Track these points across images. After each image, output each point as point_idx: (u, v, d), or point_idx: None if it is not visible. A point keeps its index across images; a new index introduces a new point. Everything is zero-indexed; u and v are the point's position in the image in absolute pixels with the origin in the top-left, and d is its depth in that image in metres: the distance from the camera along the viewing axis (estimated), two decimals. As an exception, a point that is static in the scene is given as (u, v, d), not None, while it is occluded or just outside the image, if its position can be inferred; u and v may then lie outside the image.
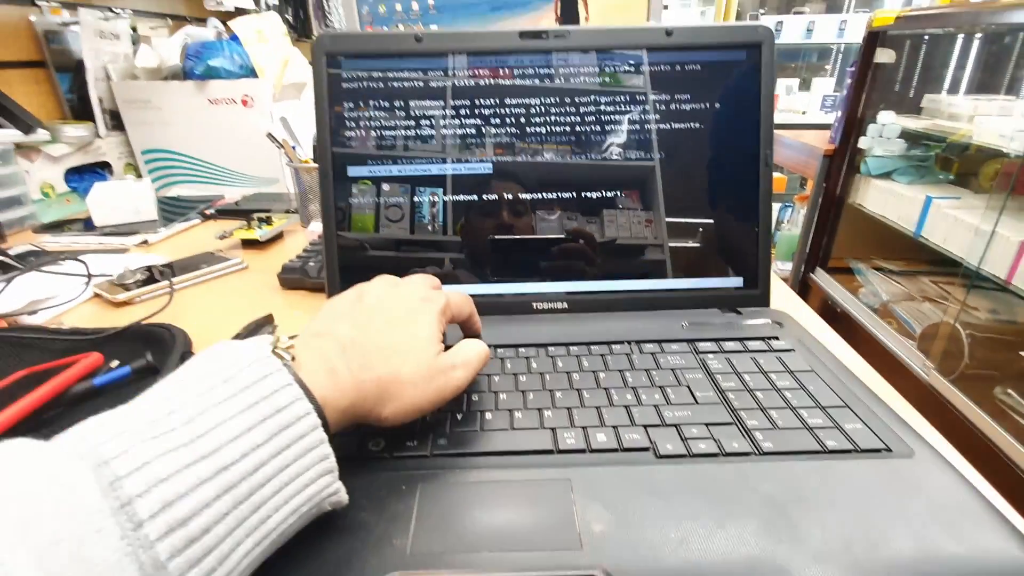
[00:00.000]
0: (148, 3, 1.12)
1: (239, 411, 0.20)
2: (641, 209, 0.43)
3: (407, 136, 0.43)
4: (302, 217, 0.76)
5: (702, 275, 0.44)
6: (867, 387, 0.34)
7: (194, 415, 0.19)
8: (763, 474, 0.27)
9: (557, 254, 0.44)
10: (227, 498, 0.18)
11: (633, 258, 0.44)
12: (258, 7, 1.21)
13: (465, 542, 0.23)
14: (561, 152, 0.43)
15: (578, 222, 0.43)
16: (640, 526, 0.24)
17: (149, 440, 0.18)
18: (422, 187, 0.43)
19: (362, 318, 0.28)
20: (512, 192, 0.43)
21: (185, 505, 0.17)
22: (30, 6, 0.89)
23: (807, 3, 2.56)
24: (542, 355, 0.37)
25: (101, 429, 0.18)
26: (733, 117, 0.43)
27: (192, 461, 0.18)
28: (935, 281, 1.34)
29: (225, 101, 0.89)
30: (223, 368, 0.21)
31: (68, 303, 0.52)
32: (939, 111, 1.32)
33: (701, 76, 0.42)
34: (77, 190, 0.90)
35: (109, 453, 0.17)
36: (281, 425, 0.21)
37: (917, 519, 0.24)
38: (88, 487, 0.16)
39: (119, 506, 0.16)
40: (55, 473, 0.17)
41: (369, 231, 0.44)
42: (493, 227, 0.44)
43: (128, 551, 0.16)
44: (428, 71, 0.42)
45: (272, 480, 0.20)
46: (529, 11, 0.62)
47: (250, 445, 0.20)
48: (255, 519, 0.19)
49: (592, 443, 0.29)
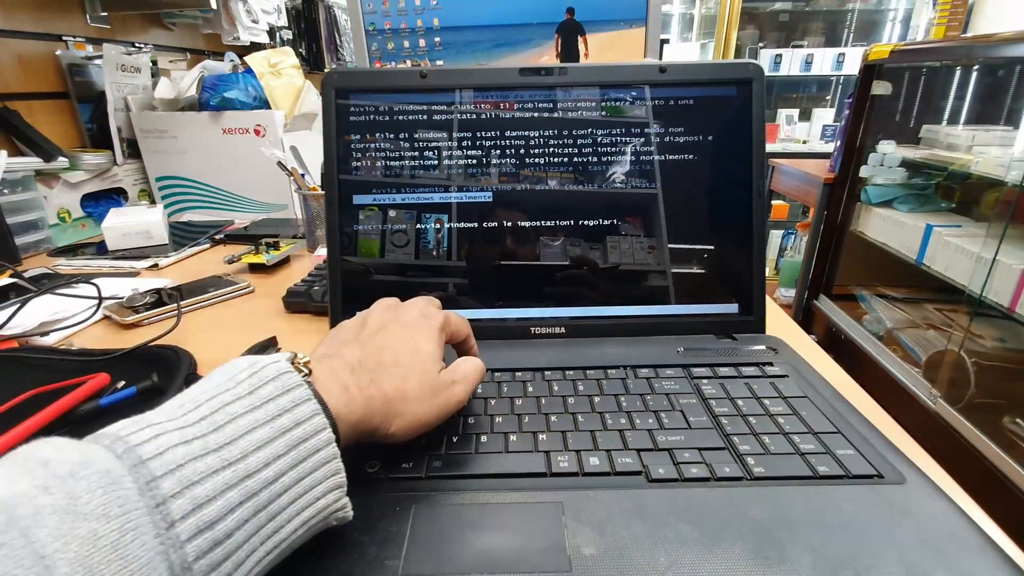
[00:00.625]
0: (169, 38, 1.17)
1: (263, 422, 0.21)
2: (643, 236, 0.44)
3: (412, 166, 0.44)
4: (308, 242, 0.78)
5: (699, 301, 0.45)
6: (860, 413, 0.34)
7: (222, 422, 0.20)
8: (754, 499, 0.27)
9: (558, 281, 0.45)
10: (249, 505, 0.19)
11: (632, 285, 0.45)
12: (273, 42, 1.26)
13: (456, 564, 0.24)
14: (562, 181, 0.44)
15: (581, 248, 0.44)
16: (630, 550, 0.24)
17: (182, 444, 0.19)
18: (427, 214, 0.45)
19: (367, 340, 0.29)
20: (514, 220, 0.45)
21: (213, 508, 0.18)
22: (57, 41, 0.93)
23: (806, 36, 2.63)
24: (538, 379, 0.38)
25: (137, 430, 0.19)
26: (727, 149, 0.44)
27: (220, 467, 0.19)
28: (939, 308, 1.33)
29: (238, 131, 0.92)
30: (248, 379, 0.22)
31: (78, 325, 0.54)
32: (938, 141, 1.34)
33: (695, 110, 0.44)
34: (92, 215, 0.92)
35: (146, 453, 0.18)
36: (300, 438, 0.21)
37: (907, 546, 0.24)
38: (127, 486, 0.17)
39: (154, 505, 0.17)
40: (91, 468, 0.17)
41: (375, 256, 0.45)
42: (496, 253, 0.45)
43: (160, 550, 0.17)
44: (433, 104, 0.44)
45: (288, 491, 0.21)
46: (530, 48, 0.65)
47: (272, 455, 0.20)
48: (270, 528, 0.20)
49: (585, 467, 0.29)
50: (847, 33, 2.64)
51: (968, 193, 1.31)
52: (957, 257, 1.13)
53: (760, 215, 0.44)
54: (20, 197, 0.80)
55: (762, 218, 0.44)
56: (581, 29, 0.64)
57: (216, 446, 0.19)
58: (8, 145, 0.84)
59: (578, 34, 0.64)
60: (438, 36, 0.67)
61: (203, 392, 0.22)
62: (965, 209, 1.31)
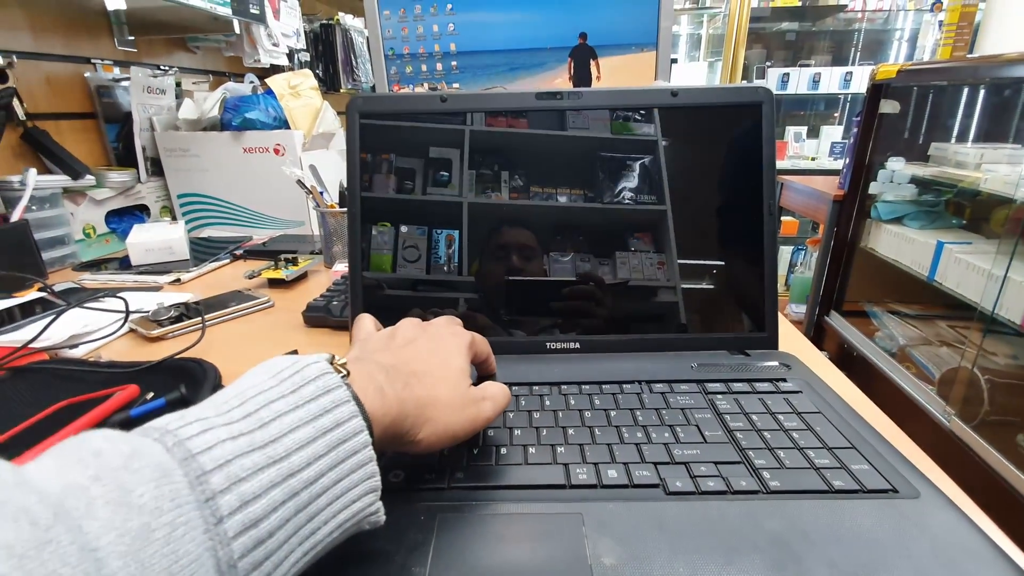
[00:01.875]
0: (192, 61, 1.21)
1: (305, 421, 0.21)
2: (654, 253, 0.45)
3: (428, 184, 0.46)
4: (326, 258, 0.80)
5: (712, 318, 0.45)
6: (874, 429, 0.34)
7: (267, 419, 0.20)
8: (770, 512, 0.27)
9: (575, 294, 0.45)
10: (291, 504, 0.19)
11: (646, 304, 0.46)
12: (292, 64, 1.30)
13: (481, 572, 0.25)
14: (572, 197, 0.46)
15: (591, 265, 0.46)
16: (650, 561, 0.25)
17: (229, 440, 0.19)
18: (439, 229, 0.46)
19: (398, 350, 0.30)
20: (533, 239, 0.46)
21: (259, 506, 0.18)
22: (86, 64, 0.97)
23: (813, 56, 2.66)
24: (555, 393, 0.39)
25: (185, 424, 0.19)
26: (738, 170, 0.45)
27: (265, 464, 0.19)
28: (951, 325, 1.33)
29: (259, 150, 0.95)
30: (291, 378, 0.22)
31: (106, 338, 0.55)
32: (946, 159, 1.35)
33: (706, 132, 0.45)
34: (116, 231, 0.95)
35: (195, 447, 0.18)
36: (339, 439, 0.22)
37: (922, 560, 0.24)
38: (178, 479, 0.17)
39: (204, 500, 0.17)
40: (145, 464, 0.17)
41: (387, 271, 0.46)
42: (512, 271, 0.46)
43: (209, 546, 0.17)
44: (450, 125, 0.46)
45: (327, 492, 0.21)
46: (544, 71, 0.67)
47: (313, 455, 0.21)
48: (307, 529, 0.20)
49: (603, 479, 0.30)
50: (854, 52, 2.66)
51: (978, 210, 1.31)
52: (968, 274, 1.13)
53: (771, 234, 0.45)
54: (48, 213, 0.82)
55: (773, 237, 0.45)
56: (593, 53, 0.66)
57: (262, 443, 0.19)
58: (37, 163, 0.87)
59: (590, 58, 0.67)
60: (455, 60, 0.69)
61: (247, 388, 0.22)
62: (975, 226, 1.31)
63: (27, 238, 0.74)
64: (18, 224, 0.74)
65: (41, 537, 0.14)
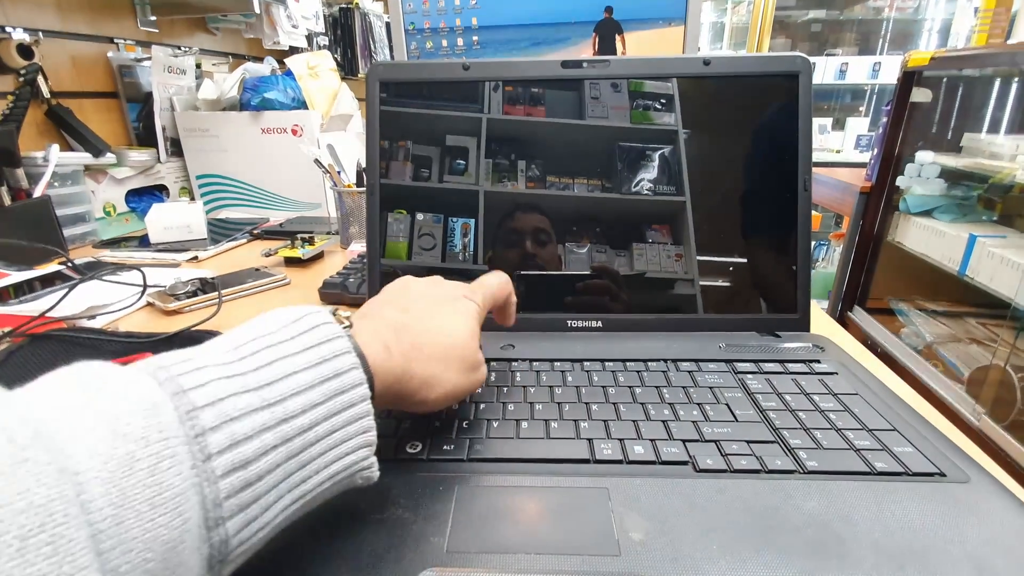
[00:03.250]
0: (212, 42, 1.21)
1: (303, 367, 0.20)
2: (678, 238, 0.44)
3: (445, 172, 0.45)
4: (342, 239, 0.79)
5: (741, 299, 0.44)
6: (916, 412, 0.33)
7: (264, 363, 0.20)
8: (808, 492, 0.26)
9: (590, 288, 0.44)
10: (282, 449, 0.19)
11: (671, 282, 0.44)
12: (310, 46, 1.29)
13: (502, 543, 0.23)
14: (595, 186, 0.44)
15: (607, 255, 0.44)
16: (680, 538, 0.23)
17: (223, 379, 0.18)
18: (455, 217, 0.45)
19: (410, 306, 0.29)
20: (558, 224, 0.44)
21: (249, 447, 0.18)
22: (108, 43, 0.97)
23: (839, 46, 2.58)
24: (577, 370, 0.37)
25: (180, 361, 0.18)
26: (772, 144, 0.43)
27: (259, 406, 0.18)
28: (982, 323, 1.28)
29: (277, 130, 0.94)
30: (292, 325, 0.22)
31: (124, 310, 0.55)
32: (980, 150, 1.30)
33: (741, 104, 0.43)
34: (136, 210, 0.95)
35: (188, 383, 0.17)
36: (337, 389, 0.21)
37: (975, 544, 0.23)
38: (167, 413, 0.16)
39: (194, 436, 0.16)
40: (133, 392, 0.16)
41: (403, 259, 0.45)
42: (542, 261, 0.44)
43: (195, 482, 0.16)
44: (471, 103, 0.44)
45: (321, 441, 0.20)
46: (568, 46, 0.65)
47: (308, 403, 0.20)
48: (298, 476, 0.20)
49: (629, 455, 0.29)
50: (881, 43, 2.58)
51: (1012, 204, 1.26)
52: (1002, 269, 1.09)
53: (806, 210, 0.43)
54: (69, 190, 0.83)
55: (807, 213, 0.43)
56: (619, 27, 0.64)
57: (256, 385, 0.19)
58: (60, 140, 0.88)
59: (616, 32, 0.64)
60: (476, 35, 0.67)
61: (246, 333, 0.21)
62: (1008, 221, 1.26)
63: (49, 214, 0.75)
64: (41, 199, 0.75)
65: (17, 455, 0.13)
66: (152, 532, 0.15)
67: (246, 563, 0.20)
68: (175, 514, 0.15)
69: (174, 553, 0.15)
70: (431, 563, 0.22)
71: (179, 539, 0.15)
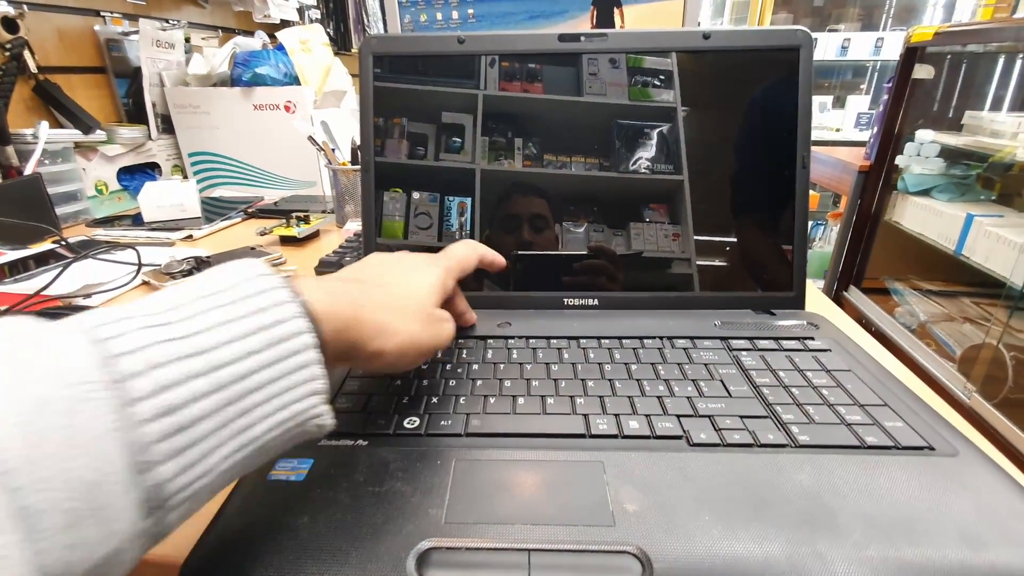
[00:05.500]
0: (201, 16, 1.18)
1: (237, 317, 0.20)
2: (676, 217, 0.44)
3: (441, 150, 0.44)
4: (338, 218, 0.78)
5: (736, 277, 0.44)
6: (907, 388, 0.33)
7: (194, 314, 0.19)
8: (799, 465, 0.26)
9: (586, 268, 0.44)
10: (217, 396, 0.19)
11: (667, 261, 0.44)
12: (302, 20, 1.26)
13: (498, 515, 0.24)
14: (593, 164, 0.44)
15: (604, 235, 0.44)
16: (674, 509, 0.24)
17: (147, 328, 0.18)
18: (451, 196, 0.44)
19: (362, 267, 0.29)
20: (555, 201, 0.44)
21: (178, 394, 0.17)
22: (95, 16, 0.95)
23: (842, 21, 2.54)
24: (573, 347, 0.37)
25: (102, 314, 0.18)
26: (771, 120, 0.43)
27: (188, 353, 0.18)
28: (976, 302, 1.29)
29: (269, 107, 0.93)
30: (226, 279, 0.21)
31: (119, 289, 0.55)
32: (981, 128, 1.29)
33: (740, 77, 0.43)
34: (128, 189, 0.94)
35: (108, 333, 0.17)
36: (277, 338, 0.21)
37: (963, 516, 0.23)
38: (84, 358, 0.16)
39: (112, 381, 0.16)
40: (50, 341, 0.16)
41: (399, 237, 0.45)
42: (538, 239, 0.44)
43: (117, 426, 0.16)
44: (467, 79, 0.43)
45: (262, 389, 0.20)
46: (565, 19, 0.64)
47: (244, 350, 0.20)
48: (240, 423, 0.19)
49: (624, 430, 0.29)
50: (885, 19, 2.54)
51: (1011, 183, 1.26)
52: (998, 248, 1.09)
53: (803, 187, 0.43)
54: (60, 168, 0.82)
55: (805, 191, 0.43)
56: (618, 1, 0.63)
57: (185, 334, 0.19)
58: (49, 117, 0.86)
59: (614, 6, 0.63)
60: (471, 8, 0.66)
61: (178, 289, 0.21)
62: (1007, 200, 1.26)
63: (40, 191, 0.74)
64: (32, 177, 0.74)
65: None
66: (70, 473, 0.15)
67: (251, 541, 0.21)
68: (95, 456, 0.15)
69: (98, 493, 0.15)
70: (430, 534, 0.23)
71: (100, 480, 0.15)
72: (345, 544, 0.22)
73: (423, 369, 0.35)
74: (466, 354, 0.37)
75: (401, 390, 0.33)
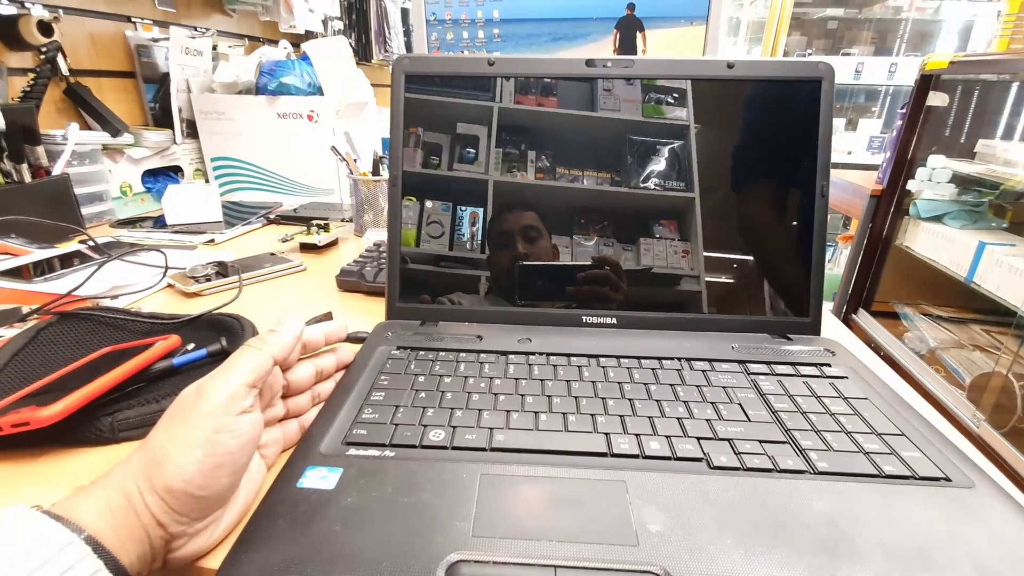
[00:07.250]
0: (228, 24, 1.21)
1: None
2: (686, 234, 0.44)
3: (455, 160, 0.45)
4: (356, 227, 0.80)
5: (752, 302, 0.44)
6: (923, 417, 0.33)
7: None
8: (818, 492, 0.27)
9: (591, 278, 0.45)
10: None
11: (678, 285, 0.45)
12: (325, 31, 1.29)
13: (524, 530, 0.24)
14: (604, 179, 0.45)
15: (613, 250, 0.45)
16: (696, 531, 0.24)
17: None
18: (463, 206, 0.45)
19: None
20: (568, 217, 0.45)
21: None
22: (126, 22, 0.98)
23: (854, 45, 2.56)
24: (593, 365, 0.38)
25: None
26: (791, 149, 0.44)
27: None
28: (987, 330, 1.29)
29: (292, 116, 0.95)
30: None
31: (146, 291, 0.56)
32: (994, 156, 1.30)
33: (762, 107, 0.44)
34: (151, 191, 0.96)
35: None
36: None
37: (979, 547, 0.24)
38: None
39: None
40: None
41: (411, 245, 0.46)
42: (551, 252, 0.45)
43: None
44: (483, 92, 0.44)
45: None
46: (588, 42, 0.65)
47: None
48: None
49: (645, 450, 0.30)
50: (898, 44, 2.56)
51: (1022, 212, 1.26)
52: (1010, 277, 1.09)
53: (822, 216, 0.43)
54: (87, 169, 0.84)
55: (823, 220, 0.44)
56: (640, 25, 0.64)
57: None
58: (78, 118, 0.89)
59: (637, 30, 0.65)
60: (497, 28, 0.68)
61: None
62: (1018, 229, 1.26)
63: (68, 192, 0.76)
64: (60, 177, 0.76)
65: None
66: None
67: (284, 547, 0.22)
68: None
69: None
70: (458, 547, 0.24)
71: None
72: (378, 553, 0.23)
73: (447, 382, 0.36)
74: (488, 369, 0.37)
75: (426, 402, 0.34)
